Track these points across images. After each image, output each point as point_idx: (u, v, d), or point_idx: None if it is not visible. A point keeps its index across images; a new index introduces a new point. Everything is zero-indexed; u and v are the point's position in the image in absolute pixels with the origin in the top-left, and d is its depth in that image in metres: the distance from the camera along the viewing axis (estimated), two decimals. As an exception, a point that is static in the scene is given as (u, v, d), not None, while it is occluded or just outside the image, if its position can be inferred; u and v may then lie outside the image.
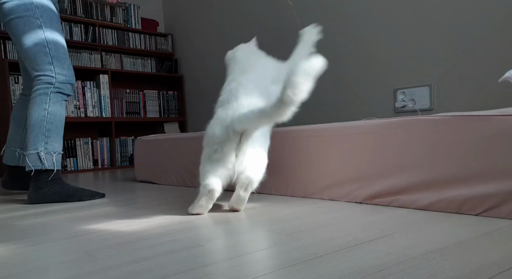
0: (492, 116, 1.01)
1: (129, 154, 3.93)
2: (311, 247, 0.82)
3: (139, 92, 4.05)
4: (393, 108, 2.61)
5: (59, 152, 1.68)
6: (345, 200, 1.32)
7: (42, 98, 1.65)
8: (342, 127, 1.36)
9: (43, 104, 1.64)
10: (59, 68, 1.68)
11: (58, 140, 1.67)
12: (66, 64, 1.70)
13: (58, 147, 1.68)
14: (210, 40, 3.89)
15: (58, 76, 1.67)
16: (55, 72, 1.66)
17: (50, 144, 1.64)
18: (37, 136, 1.63)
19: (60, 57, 1.68)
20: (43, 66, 1.66)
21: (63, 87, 1.68)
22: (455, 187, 1.06)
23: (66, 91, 1.70)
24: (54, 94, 1.66)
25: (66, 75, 1.69)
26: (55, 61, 1.67)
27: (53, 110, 1.66)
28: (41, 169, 1.62)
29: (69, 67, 1.72)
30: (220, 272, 0.70)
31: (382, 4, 2.62)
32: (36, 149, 1.63)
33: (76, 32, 3.71)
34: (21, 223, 1.24)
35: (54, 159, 1.65)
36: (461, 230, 0.89)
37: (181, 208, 1.36)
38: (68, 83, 1.70)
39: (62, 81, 1.68)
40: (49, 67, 1.66)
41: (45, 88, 1.66)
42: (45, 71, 1.66)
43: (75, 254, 0.86)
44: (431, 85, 2.42)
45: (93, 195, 1.69)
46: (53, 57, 1.66)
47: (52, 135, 1.65)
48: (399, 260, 0.71)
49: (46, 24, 1.66)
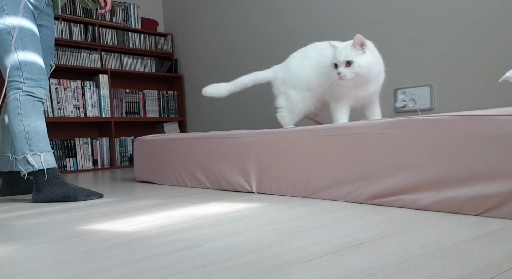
0: (493, 116, 1.01)
1: (129, 154, 3.93)
2: (311, 247, 0.82)
3: (139, 92, 4.05)
4: (394, 108, 2.61)
5: (47, 150, 1.67)
6: (345, 200, 1.32)
7: (13, 104, 1.64)
8: (342, 127, 1.36)
9: (16, 109, 1.64)
10: (27, 73, 1.65)
11: (40, 139, 1.66)
12: (36, 68, 1.67)
13: (44, 146, 1.67)
14: (210, 40, 3.89)
15: (26, 81, 1.65)
16: (23, 77, 1.64)
17: (34, 145, 1.64)
18: (20, 141, 1.64)
19: (29, 61, 1.66)
20: (12, 72, 1.65)
21: (33, 90, 1.66)
22: (455, 187, 1.06)
23: (37, 95, 1.68)
24: (24, 97, 1.64)
25: (36, 79, 1.67)
26: (23, 66, 1.64)
27: (26, 112, 1.64)
28: (33, 170, 1.64)
29: (40, 71, 1.69)
30: (220, 272, 0.69)
31: (382, 4, 2.61)
32: (23, 153, 1.64)
33: (75, 32, 3.71)
34: (21, 223, 1.24)
35: (42, 158, 1.64)
36: (462, 230, 0.89)
37: (181, 208, 1.36)
38: (38, 87, 1.68)
39: (32, 85, 1.66)
40: (17, 72, 1.64)
41: (14, 93, 1.65)
42: (14, 76, 1.65)
43: (74, 254, 0.86)
44: (431, 85, 2.42)
45: (90, 195, 1.67)
46: (21, 62, 1.64)
47: (33, 137, 1.65)
48: (399, 260, 0.71)
49: (14, 26, 1.62)
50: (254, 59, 3.45)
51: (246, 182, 1.64)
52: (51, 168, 1.66)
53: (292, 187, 1.49)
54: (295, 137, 1.49)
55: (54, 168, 1.67)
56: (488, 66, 2.20)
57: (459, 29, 2.29)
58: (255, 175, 1.62)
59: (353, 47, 1.50)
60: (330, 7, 2.89)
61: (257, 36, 3.43)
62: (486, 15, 2.19)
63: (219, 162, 1.78)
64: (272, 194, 1.56)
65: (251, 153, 1.64)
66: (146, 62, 4.18)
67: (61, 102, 3.52)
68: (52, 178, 1.65)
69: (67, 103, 3.56)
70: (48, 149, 1.68)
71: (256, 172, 1.61)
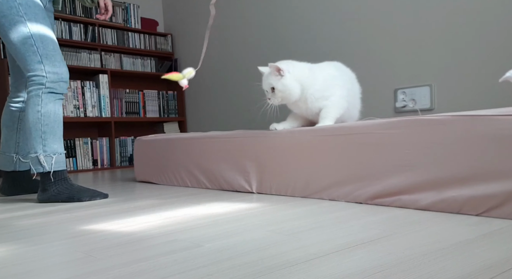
0: (493, 116, 1.01)
1: (129, 154, 3.93)
2: (311, 247, 0.82)
3: (139, 92, 4.04)
4: (394, 108, 2.61)
5: (60, 152, 1.66)
6: (345, 200, 1.32)
7: (34, 101, 1.61)
8: (342, 128, 1.36)
9: (36, 106, 1.61)
10: (49, 67, 1.62)
11: (56, 141, 1.65)
12: (57, 61, 1.65)
13: (57, 148, 1.65)
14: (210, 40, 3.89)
15: (49, 75, 1.61)
16: (45, 71, 1.61)
17: (48, 146, 1.63)
18: (35, 140, 1.62)
19: (50, 54, 1.63)
20: (33, 66, 1.61)
21: (55, 86, 1.64)
22: (456, 187, 1.06)
23: (59, 90, 1.66)
24: (46, 95, 1.62)
25: (58, 73, 1.64)
26: (44, 60, 1.61)
27: (46, 111, 1.62)
28: (42, 172, 1.63)
29: (61, 64, 1.66)
30: (220, 273, 0.69)
31: (382, 4, 2.61)
32: (36, 152, 1.62)
33: (75, 32, 3.70)
34: (21, 223, 1.24)
35: (53, 160, 1.63)
36: (462, 230, 0.89)
37: (181, 208, 1.36)
38: (61, 82, 1.65)
39: (54, 80, 1.63)
40: (39, 66, 1.61)
41: (36, 89, 1.62)
42: (35, 71, 1.61)
43: (75, 254, 0.86)
44: (431, 85, 2.42)
45: (94, 195, 1.66)
46: (42, 55, 1.61)
47: (49, 137, 1.63)
48: (399, 261, 0.71)
49: (32, 21, 1.60)
50: (255, 59, 3.45)
51: (246, 182, 1.64)
52: (60, 170, 1.65)
53: (292, 187, 1.49)
54: (295, 138, 1.49)
55: (63, 170, 1.67)
56: (488, 66, 2.20)
57: (459, 29, 2.29)
58: (255, 175, 1.62)
59: (272, 74, 1.54)
60: (330, 8, 2.89)
61: (257, 36, 3.43)
62: (486, 15, 2.19)
63: (219, 162, 1.78)
64: (272, 194, 1.56)
65: (251, 153, 1.63)
66: (146, 62, 4.18)
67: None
68: (59, 180, 1.64)
69: (67, 103, 3.55)
70: (61, 151, 1.67)
71: (256, 172, 1.61)
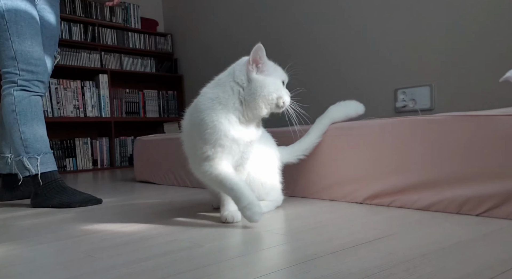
0: (492, 116, 1.01)
1: (129, 154, 3.93)
2: (312, 247, 0.82)
3: (139, 92, 4.05)
4: (394, 108, 2.61)
5: (45, 152, 1.53)
6: (345, 200, 1.32)
7: (8, 100, 1.50)
8: (342, 128, 1.36)
9: (10, 106, 1.49)
10: (24, 64, 1.48)
11: (37, 140, 1.52)
12: (33, 58, 1.50)
13: (41, 147, 1.52)
14: (210, 40, 3.89)
15: (22, 73, 1.48)
16: (18, 69, 1.47)
17: (30, 147, 1.50)
18: (16, 143, 1.51)
19: (26, 50, 1.48)
20: (6, 62, 1.48)
21: (28, 85, 1.50)
22: (455, 187, 1.06)
23: (34, 89, 1.51)
24: (18, 93, 1.49)
25: (33, 71, 1.50)
26: (19, 56, 1.47)
27: (22, 110, 1.49)
28: (29, 175, 1.52)
29: (38, 63, 1.51)
30: (220, 273, 0.69)
31: (382, 4, 2.61)
32: (19, 155, 1.51)
33: (75, 32, 3.71)
34: (21, 223, 1.24)
35: (38, 162, 1.51)
36: (462, 231, 0.89)
37: (181, 208, 1.36)
38: (35, 81, 1.51)
39: (28, 79, 1.49)
40: (12, 63, 1.47)
41: (8, 87, 1.50)
42: (8, 67, 1.48)
43: (74, 254, 0.86)
44: (431, 85, 2.42)
45: (86, 201, 1.52)
46: (16, 51, 1.46)
47: (29, 138, 1.50)
48: (399, 261, 0.71)
49: (11, 13, 1.45)
50: (254, 59, 3.45)
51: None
52: (48, 171, 1.53)
53: (292, 187, 1.49)
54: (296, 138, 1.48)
55: (52, 171, 1.54)
56: (488, 66, 2.20)
57: (459, 29, 2.29)
58: (255, 175, 1.61)
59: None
60: (330, 8, 2.89)
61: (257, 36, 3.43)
62: (486, 15, 2.19)
63: (219, 162, 1.77)
64: (272, 194, 1.55)
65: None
66: (146, 62, 4.18)
67: (60, 102, 3.52)
68: (49, 183, 1.53)
69: (66, 103, 3.55)
70: (46, 151, 1.53)
71: (256, 172, 1.61)
